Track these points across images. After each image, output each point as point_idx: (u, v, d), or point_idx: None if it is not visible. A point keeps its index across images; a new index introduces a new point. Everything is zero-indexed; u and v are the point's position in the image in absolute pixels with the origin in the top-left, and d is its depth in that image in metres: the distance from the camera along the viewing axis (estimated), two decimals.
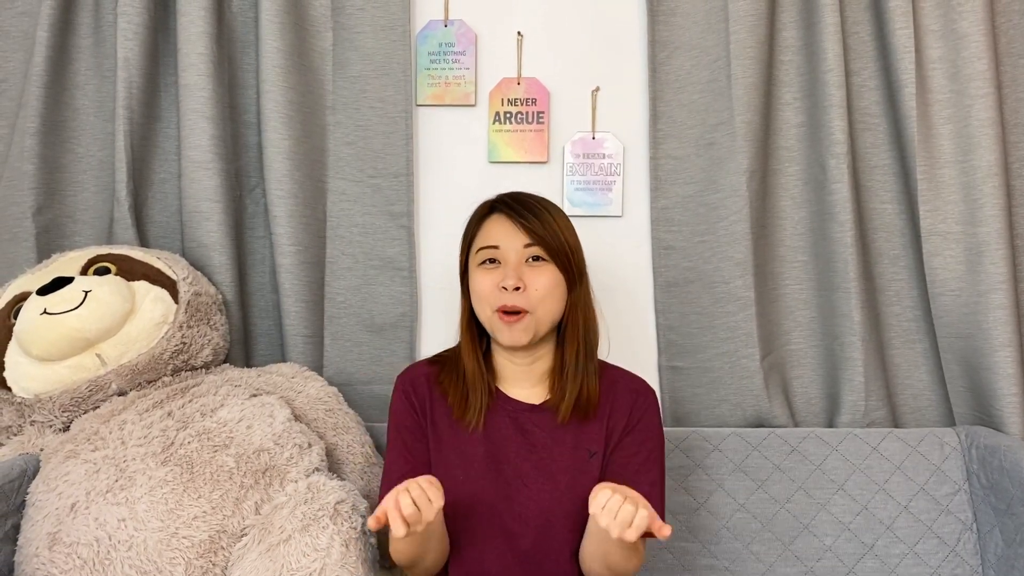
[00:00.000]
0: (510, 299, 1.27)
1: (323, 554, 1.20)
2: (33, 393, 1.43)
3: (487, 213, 1.36)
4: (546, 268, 1.29)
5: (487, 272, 1.30)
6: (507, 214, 1.32)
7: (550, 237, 1.29)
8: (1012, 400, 1.66)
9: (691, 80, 1.82)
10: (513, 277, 1.26)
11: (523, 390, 1.37)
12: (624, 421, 1.33)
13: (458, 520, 1.29)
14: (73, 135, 1.80)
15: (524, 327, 1.28)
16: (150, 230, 1.82)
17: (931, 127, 1.72)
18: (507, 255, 1.30)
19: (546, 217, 1.31)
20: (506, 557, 1.29)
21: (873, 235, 1.82)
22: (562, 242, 1.30)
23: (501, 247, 1.30)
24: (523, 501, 1.29)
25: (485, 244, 1.32)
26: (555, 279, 1.29)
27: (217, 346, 1.62)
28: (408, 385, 1.38)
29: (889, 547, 1.64)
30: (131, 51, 1.72)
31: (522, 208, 1.31)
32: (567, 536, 1.28)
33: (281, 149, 1.75)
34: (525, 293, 1.27)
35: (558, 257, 1.30)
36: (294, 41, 1.78)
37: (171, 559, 1.22)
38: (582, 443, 1.32)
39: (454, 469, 1.31)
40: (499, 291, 1.27)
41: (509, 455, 1.32)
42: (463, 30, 1.85)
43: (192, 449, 1.33)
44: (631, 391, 1.37)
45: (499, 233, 1.31)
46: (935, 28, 1.71)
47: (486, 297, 1.29)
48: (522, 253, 1.29)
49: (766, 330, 1.82)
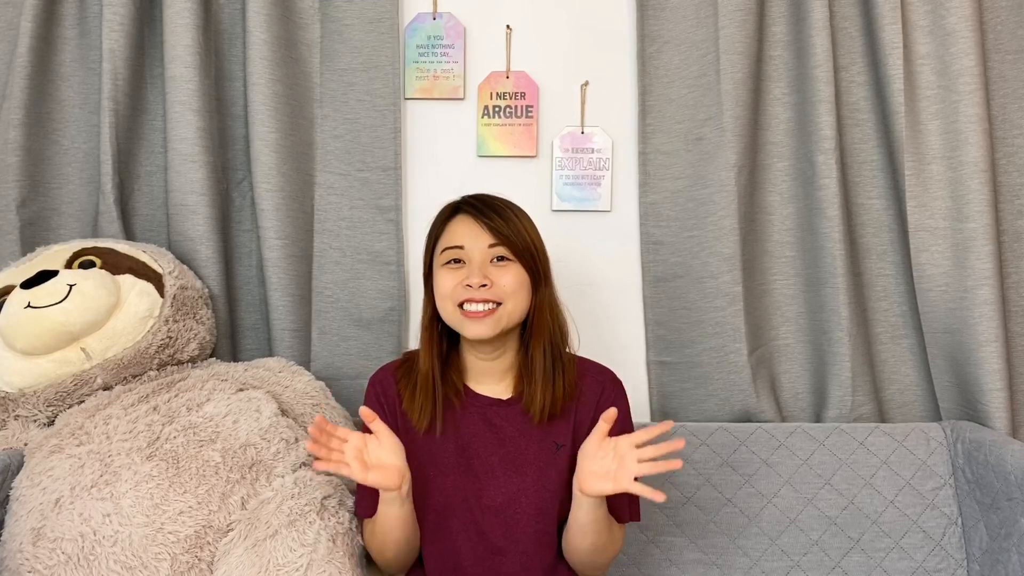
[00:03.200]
0: (477, 294, 1.26)
1: (310, 549, 1.20)
2: (17, 387, 1.42)
3: (451, 214, 1.35)
4: (511, 267, 1.30)
5: (451, 271, 1.30)
6: (472, 215, 1.31)
7: (515, 237, 1.30)
8: (998, 395, 1.67)
9: (680, 75, 1.82)
10: (478, 275, 1.26)
11: (490, 386, 1.37)
12: (592, 413, 1.33)
13: (432, 515, 1.31)
14: (58, 127, 1.78)
15: (492, 319, 1.27)
16: (136, 223, 1.80)
17: (919, 123, 1.72)
18: (472, 255, 1.29)
19: (510, 217, 1.31)
20: (478, 549, 1.31)
21: (861, 231, 1.83)
22: (527, 242, 1.31)
23: (466, 247, 1.30)
24: (491, 494, 1.31)
25: (450, 244, 1.31)
26: (521, 277, 1.30)
27: (203, 340, 1.61)
28: (378, 387, 1.38)
29: (875, 541, 1.65)
30: (117, 42, 1.70)
31: (487, 208, 1.31)
32: (533, 528, 1.30)
33: (268, 142, 1.74)
34: (493, 288, 1.27)
35: (523, 257, 1.30)
36: (281, 33, 1.77)
37: (156, 554, 1.22)
38: (549, 436, 1.33)
39: (426, 468, 1.31)
40: (463, 288, 1.27)
41: (478, 450, 1.33)
42: (452, 23, 1.84)
43: (178, 444, 1.32)
44: (597, 383, 1.37)
45: (464, 233, 1.31)
46: (923, 24, 1.72)
47: (449, 294, 1.29)
48: (487, 253, 1.29)
49: (754, 325, 1.82)
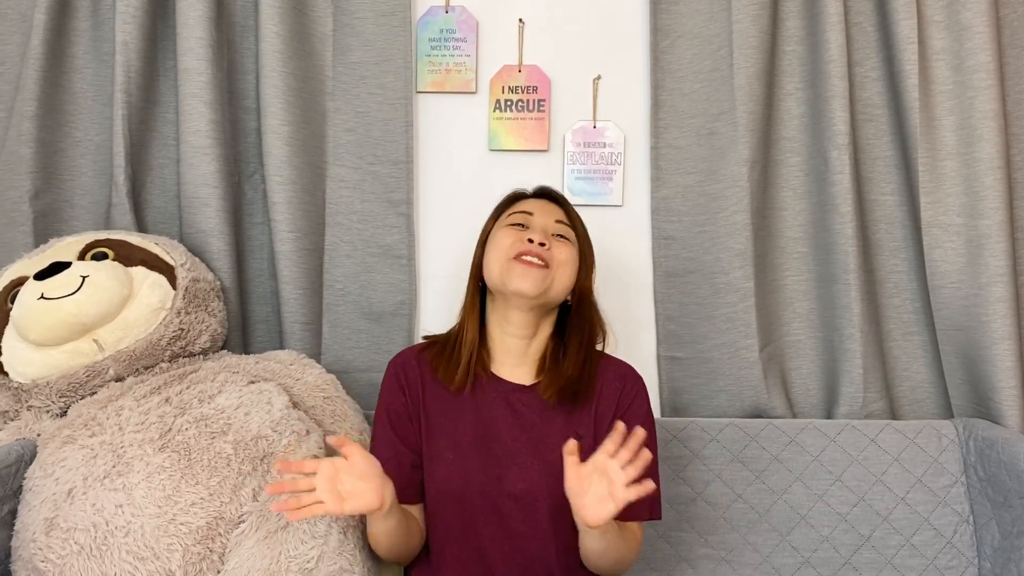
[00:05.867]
0: (535, 249, 1.32)
1: (321, 541, 1.20)
2: (30, 378, 1.42)
3: (523, 196, 1.46)
4: (568, 244, 1.37)
5: (514, 231, 1.36)
6: (542, 196, 1.45)
7: (578, 222, 1.42)
8: (1011, 393, 1.66)
9: (693, 69, 1.81)
10: (541, 234, 1.34)
11: (514, 370, 1.39)
12: (613, 408, 1.36)
13: (452, 499, 1.31)
14: (71, 119, 1.79)
15: (540, 275, 1.30)
16: (148, 215, 1.81)
17: (933, 119, 1.71)
18: (537, 222, 1.38)
19: (572, 209, 1.44)
20: (498, 535, 1.31)
21: (874, 227, 1.82)
22: (585, 231, 1.43)
23: (535, 214, 1.39)
24: (512, 479, 1.31)
25: (519, 210, 1.41)
26: (574, 256, 1.37)
27: (215, 332, 1.61)
28: (399, 368, 1.40)
29: (886, 538, 1.64)
30: (130, 34, 1.70)
31: (556, 195, 1.45)
32: (553, 515, 1.29)
33: (280, 135, 1.74)
34: (549, 251, 1.33)
35: (582, 240, 1.40)
36: (294, 26, 1.76)
37: (168, 545, 1.22)
38: (571, 426, 1.34)
39: (445, 451, 1.33)
40: (523, 243, 1.32)
41: (500, 434, 1.33)
42: (464, 16, 1.84)
43: (190, 435, 1.32)
44: (619, 377, 1.40)
45: (534, 206, 1.41)
46: (938, 19, 1.70)
47: (507, 248, 1.33)
48: (552, 226, 1.38)
49: (765, 321, 1.81)
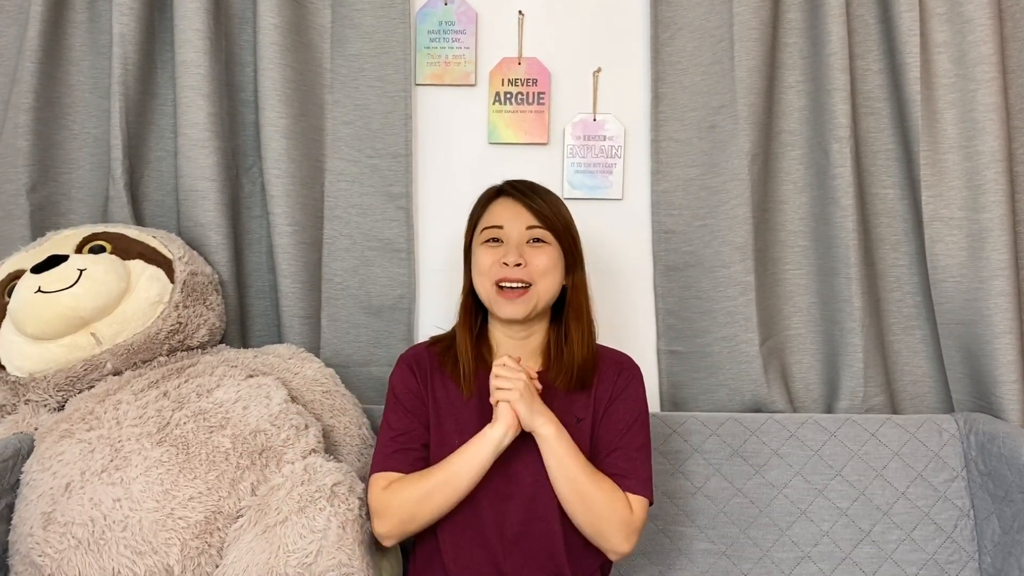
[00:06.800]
0: (512, 272, 1.34)
1: (320, 535, 1.20)
2: (27, 372, 1.42)
3: (493, 197, 1.44)
4: (546, 248, 1.37)
5: (490, 249, 1.38)
6: (514, 196, 1.40)
7: (555, 217, 1.39)
8: (1012, 387, 1.66)
9: (694, 62, 1.80)
10: (514, 254, 1.35)
11: None
12: (609, 392, 1.41)
13: None
14: (68, 112, 1.78)
15: (524, 300, 1.34)
16: (146, 208, 1.80)
17: (935, 112, 1.70)
18: (510, 235, 1.37)
19: (552, 199, 1.42)
20: (501, 521, 1.33)
21: (875, 220, 1.81)
22: (566, 222, 1.41)
23: (505, 227, 1.38)
24: (517, 466, 1.33)
25: (490, 224, 1.39)
26: (555, 259, 1.38)
27: (213, 326, 1.60)
28: (411, 359, 1.45)
29: (886, 533, 1.64)
30: (127, 27, 1.69)
31: (528, 191, 1.41)
32: (555, 500, 1.32)
33: (279, 128, 1.73)
34: (526, 268, 1.35)
35: (561, 237, 1.39)
36: (292, 18, 1.75)
37: (166, 539, 1.22)
38: (571, 411, 1.38)
39: (451, 438, 1.35)
40: (500, 266, 1.35)
41: None
42: (463, 8, 1.83)
43: (188, 430, 1.32)
44: (615, 363, 1.45)
45: (504, 214, 1.39)
46: (940, 11, 1.69)
47: (487, 272, 1.37)
48: (524, 234, 1.37)
49: (766, 315, 1.81)
